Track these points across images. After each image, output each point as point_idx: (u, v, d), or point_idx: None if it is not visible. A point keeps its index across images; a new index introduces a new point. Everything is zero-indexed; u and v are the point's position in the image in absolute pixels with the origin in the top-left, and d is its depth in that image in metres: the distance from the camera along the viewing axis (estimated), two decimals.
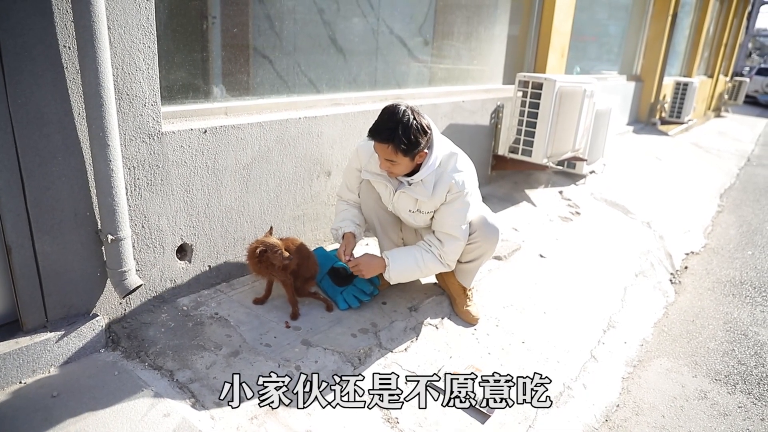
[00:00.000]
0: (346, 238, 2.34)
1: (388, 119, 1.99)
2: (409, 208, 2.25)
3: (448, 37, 4.06)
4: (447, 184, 2.14)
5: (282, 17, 2.79)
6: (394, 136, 1.96)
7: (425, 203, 2.20)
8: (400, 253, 2.30)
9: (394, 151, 2.00)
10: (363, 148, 2.30)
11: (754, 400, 2.41)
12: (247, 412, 1.74)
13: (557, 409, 2.09)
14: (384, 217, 2.44)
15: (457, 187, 2.14)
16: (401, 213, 2.32)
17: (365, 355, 2.11)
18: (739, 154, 8.53)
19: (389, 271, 2.26)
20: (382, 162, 2.09)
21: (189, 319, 2.17)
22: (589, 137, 4.32)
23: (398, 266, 2.26)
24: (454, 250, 2.26)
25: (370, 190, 2.38)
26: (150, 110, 1.99)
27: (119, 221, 1.88)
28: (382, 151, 2.04)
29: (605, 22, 7.41)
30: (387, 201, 2.33)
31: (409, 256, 2.27)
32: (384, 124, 2.00)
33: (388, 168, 2.11)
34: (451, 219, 2.20)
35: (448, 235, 2.23)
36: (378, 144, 2.03)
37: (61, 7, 1.68)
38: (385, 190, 2.30)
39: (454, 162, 2.17)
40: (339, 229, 2.38)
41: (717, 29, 12.35)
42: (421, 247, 2.28)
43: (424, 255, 2.26)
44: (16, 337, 1.81)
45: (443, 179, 2.15)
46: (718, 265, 3.99)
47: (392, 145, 1.98)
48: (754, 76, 18.89)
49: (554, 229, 3.80)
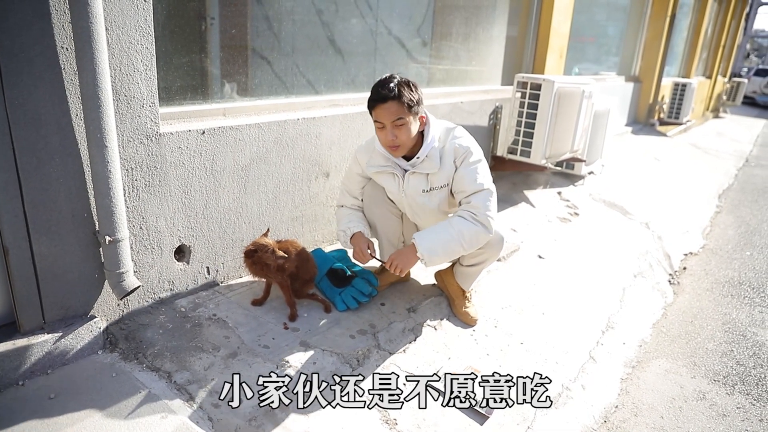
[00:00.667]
0: (357, 237, 2.31)
1: (385, 81, 2.05)
2: (422, 188, 2.23)
3: (447, 38, 4.06)
4: (452, 152, 2.17)
5: (280, 18, 2.79)
6: (394, 90, 2.01)
7: (436, 176, 2.19)
8: (428, 231, 2.16)
9: (400, 107, 2.01)
10: (360, 151, 2.31)
11: (753, 401, 2.41)
12: (245, 413, 1.74)
13: (556, 410, 2.09)
14: (387, 221, 2.42)
15: (462, 149, 2.16)
16: (416, 198, 2.26)
17: (364, 356, 2.11)
18: (737, 155, 8.54)
19: (420, 251, 2.12)
20: (388, 132, 2.06)
21: (187, 320, 2.16)
22: (587, 138, 4.32)
23: (428, 243, 2.12)
24: (484, 203, 2.12)
25: (375, 189, 2.38)
26: (148, 111, 1.99)
27: (117, 222, 1.87)
28: (387, 113, 2.03)
29: (604, 23, 7.42)
30: (397, 191, 2.27)
31: (438, 230, 2.14)
32: (383, 85, 2.04)
33: (395, 136, 2.06)
34: (469, 177, 2.15)
35: (473, 194, 2.13)
36: (382, 106, 2.03)
37: (59, 8, 1.67)
38: (393, 180, 2.26)
39: (453, 132, 2.21)
40: (348, 230, 2.33)
41: (715, 30, 12.37)
42: (453, 219, 2.14)
43: (452, 222, 2.12)
44: (14, 338, 1.81)
45: (447, 149, 2.18)
46: (716, 265, 3.99)
47: (397, 100, 2.01)
48: (752, 77, 18.92)
49: (553, 230, 3.80)
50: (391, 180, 2.27)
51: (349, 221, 2.37)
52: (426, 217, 2.37)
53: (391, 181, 2.28)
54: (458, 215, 2.14)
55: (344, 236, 2.35)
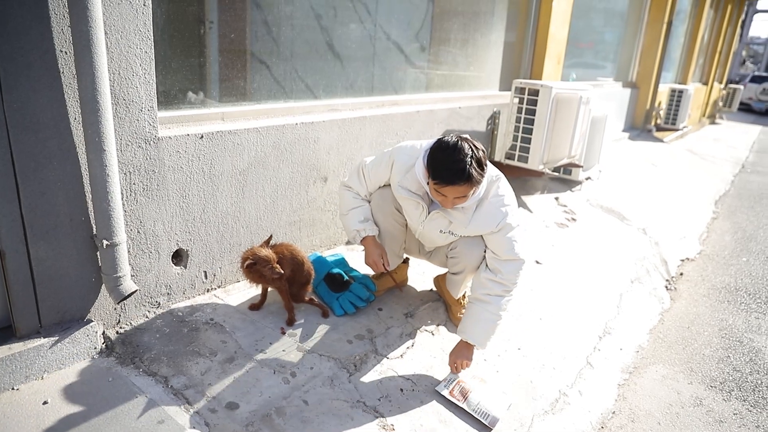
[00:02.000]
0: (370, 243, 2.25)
1: (457, 159, 1.84)
2: (440, 228, 2.16)
3: (445, 43, 4.08)
4: (491, 214, 2.05)
5: (279, 23, 2.79)
6: (471, 174, 1.84)
7: (459, 228, 2.11)
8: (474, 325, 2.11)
9: (469, 188, 1.88)
10: (400, 162, 2.14)
11: (750, 407, 2.41)
12: (243, 419, 1.73)
13: (553, 416, 2.09)
14: (392, 230, 2.35)
15: (502, 215, 2.04)
16: (430, 233, 2.21)
17: (361, 361, 2.10)
18: (733, 161, 8.57)
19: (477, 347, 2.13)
20: (449, 200, 1.94)
21: (184, 324, 2.16)
22: (585, 144, 4.34)
23: (481, 337, 2.11)
24: (515, 274, 2.09)
25: (384, 199, 2.28)
26: (146, 115, 1.98)
27: (114, 226, 1.87)
28: (455, 192, 1.89)
29: (601, 29, 7.45)
30: (416, 220, 2.20)
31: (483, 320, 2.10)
32: (456, 165, 1.84)
33: (450, 204, 1.97)
34: (507, 245, 2.07)
35: (506, 261, 2.08)
36: (451, 187, 1.87)
37: (58, 12, 1.67)
38: (416, 210, 2.17)
39: (496, 188, 2.06)
40: (362, 231, 2.25)
41: (711, 37, 12.44)
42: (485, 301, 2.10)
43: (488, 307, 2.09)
44: (9, 342, 1.80)
45: (486, 208, 2.05)
46: (713, 271, 4.00)
47: (468, 183, 1.86)
48: (748, 84, 19.00)
49: (550, 236, 3.80)
50: (414, 208, 2.17)
51: (364, 218, 2.27)
52: (431, 244, 2.37)
53: (413, 209, 2.18)
54: (495, 295, 2.08)
55: (357, 235, 2.27)
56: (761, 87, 18.69)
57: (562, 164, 4.34)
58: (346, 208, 2.32)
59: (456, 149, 1.85)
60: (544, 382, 2.26)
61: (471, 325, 2.11)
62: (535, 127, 3.90)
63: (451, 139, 1.89)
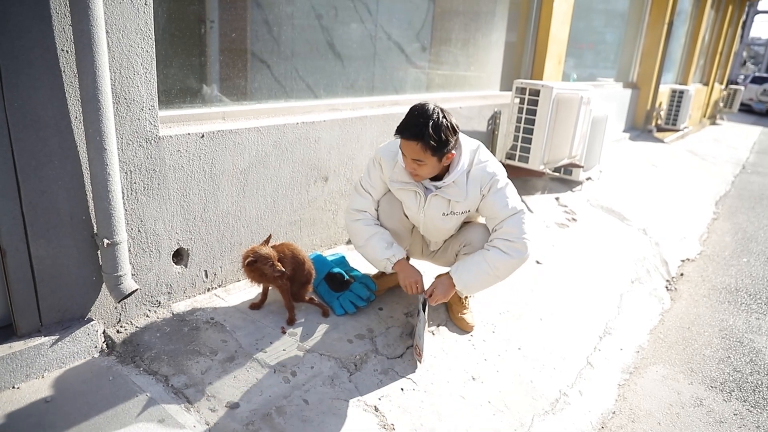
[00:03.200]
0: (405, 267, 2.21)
1: (418, 116, 1.92)
2: (442, 211, 2.17)
3: (446, 43, 4.08)
4: (478, 180, 2.10)
5: (280, 22, 2.79)
6: (424, 133, 1.89)
7: (459, 203, 2.13)
8: (464, 266, 2.16)
9: (423, 150, 1.92)
10: (385, 158, 2.18)
11: (750, 408, 2.41)
12: (243, 417, 1.73)
13: (553, 416, 2.09)
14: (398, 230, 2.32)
15: (488, 176, 2.09)
16: (434, 219, 2.21)
17: (361, 360, 2.10)
18: (734, 162, 8.57)
19: (458, 287, 2.16)
20: (408, 163, 2.01)
21: (184, 324, 2.16)
22: (585, 144, 4.34)
23: (465, 279, 2.14)
24: (519, 227, 2.09)
25: (391, 204, 2.27)
26: (147, 114, 1.99)
27: (115, 225, 1.87)
28: (409, 149, 1.95)
29: (602, 29, 7.45)
30: (416, 209, 2.20)
31: (474, 264, 2.14)
32: (413, 120, 1.92)
33: (413, 169, 2.02)
34: (499, 203, 2.10)
35: (506, 219, 2.10)
36: (405, 142, 1.95)
37: (60, 11, 1.68)
38: (414, 198, 2.18)
39: (478, 155, 2.13)
40: (393, 257, 2.19)
41: (712, 38, 12.44)
42: (484, 250, 2.15)
43: (487, 257, 2.11)
44: (10, 341, 1.80)
45: (473, 175, 2.10)
46: (713, 272, 4.00)
47: (422, 143, 1.90)
48: (749, 85, 19.01)
49: (551, 236, 3.80)
50: (412, 198, 2.19)
51: (387, 244, 2.21)
52: (438, 235, 2.36)
53: (411, 199, 2.19)
54: (494, 246, 2.11)
55: (387, 264, 2.20)
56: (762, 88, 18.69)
57: (562, 164, 4.34)
58: (362, 238, 2.23)
59: (420, 109, 1.95)
60: (545, 382, 2.26)
61: (463, 265, 2.16)
62: (536, 127, 3.89)
63: (426, 104, 1.97)
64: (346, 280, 2.49)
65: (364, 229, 2.23)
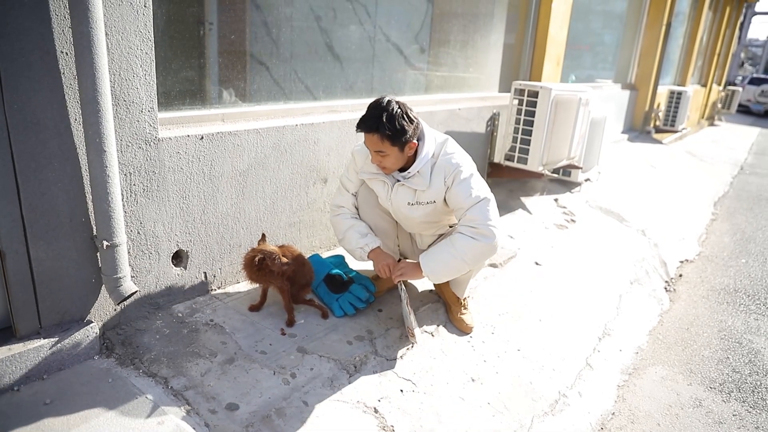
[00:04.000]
0: (379, 254, 2.28)
1: (373, 108, 2.05)
2: (408, 200, 2.24)
3: (445, 45, 4.09)
4: (442, 170, 2.16)
5: (279, 24, 2.80)
6: (379, 123, 2.00)
7: (424, 193, 2.19)
8: (432, 251, 2.21)
9: (381, 140, 2.03)
10: (358, 151, 2.32)
11: (749, 408, 2.42)
12: (242, 419, 1.73)
13: (553, 417, 2.09)
14: (381, 224, 2.42)
15: (452, 167, 2.15)
16: (401, 208, 2.28)
17: (361, 362, 2.10)
18: (732, 163, 8.59)
19: (425, 272, 2.19)
20: (373, 156, 2.12)
21: (184, 325, 2.16)
22: (584, 145, 4.34)
23: (432, 264, 2.17)
24: (483, 213, 2.11)
25: (368, 194, 2.37)
26: (147, 116, 1.99)
27: (115, 227, 1.87)
28: (370, 142, 2.07)
29: (600, 31, 7.47)
30: (385, 198, 2.30)
31: (441, 250, 2.18)
32: (369, 113, 2.05)
33: (379, 162, 2.13)
34: (463, 192, 2.13)
35: (471, 206, 2.12)
36: (366, 135, 2.06)
37: (59, 13, 1.68)
38: (382, 187, 2.28)
39: (444, 148, 2.20)
40: (366, 246, 2.29)
41: (710, 39, 12.48)
42: (452, 236, 2.18)
43: (454, 240, 2.14)
44: (9, 343, 1.80)
45: (438, 165, 2.17)
46: (712, 273, 4.01)
47: (378, 133, 2.01)
48: (747, 86, 19.05)
49: (550, 237, 3.81)
50: (381, 187, 2.30)
51: (362, 234, 2.31)
52: (411, 226, 2.42)
53: (380, 188, 2.30)
54: (459, 232, 2.15)
55: (362, 252, 2.30)
56: (759, 89, 18.74)
57: (561, 166, 4.35)
58: (340, 232, 2.38)
59: (376, 103, 2.06)
60: (544, 383, 2.26)
61: (431, 252, 2.22)
62: (535, 128, 3.90)
63: (382, 98, 2.07)
64: (346, 281, 2.49)
65: (342, 222, 2.37)
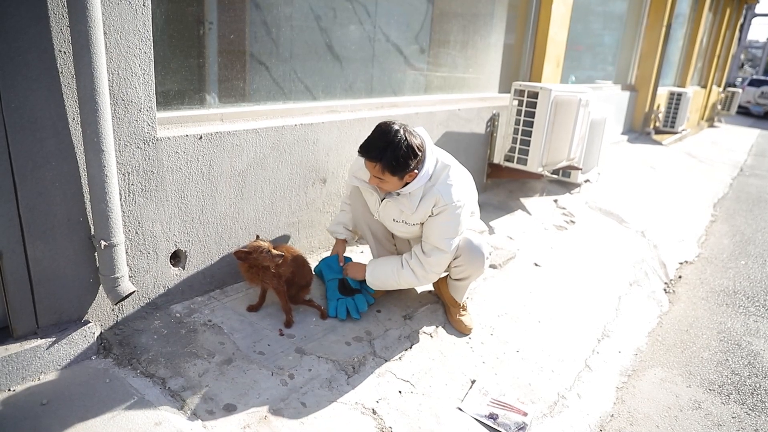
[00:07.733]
0: (337, 245, 2.58)
1: (378, 138, 1.99)
2: (393, 217, 2.24)
3: (445, 45, 4.08)
4: (433, 199, 2.10)
5: (279, 24, 2.79)
6: (382, 155, 1.97)
7: (410, 215, 2.17)
8: (382, 262, 2.37)
9: (382, 171, 2.01)
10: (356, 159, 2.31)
11: (748, 410, 2.41)
12: (239, 420, 1.72)
13: (551, 419, 2.09)
14: (375, 226, 2.44)
15: (444, 200, 2.09)
16: (386, 221, 2.31)
17: (359, 363, 2.10)
18: (732, 164, 8.59)
19: (367, 277, 2.36)
20: (372, 178, 2.11)
21: (182, 326, 2.15)
22: (584, 146, 4.34)
23: (376, 274, 2.34)
24: (438, 262, 2.20)
25: (358, 197, 2.40)
26: (145, 116, 1.98)
27: (113, 227, 1.86)
28: (371, 168, 2.05)
29: (600, 32, 7.47)
30: (373, 209, 2.34)
31: (387, 267, 2.32)
32: (374, 143, 2.00)
33: (377, 184, 2.12)
34: (438, 231, 2.14)
35: (434, 248, 2.17)
36: (367, 161, 2.04)
37: (57, 11, 1.67)
38: (371, 198, 2.31)
39: (446, 175, 2.13)
40: (333, 233, 2.60)
41: (710, 40, 12.48)
42: (402, 259, 2.29)
43: (400, 269, 2.26)
44: (6, 343, 1.79)
45: (431, 192, 2.11)
46: (711, 274, 4.00)
47: (380, 164, 1.99)
48: (747, 87, 19.06)
49: (549, 238, 3.80)
50: (369, 196, 2.32)
51: (337, 224, 2.59)
52: (402, 236, 2.43)
53: (369, 197, 2.33)
54: (409, 263, 2.25)
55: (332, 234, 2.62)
56: (759, 90, 18.75)
57: (561, 167, 4.34)
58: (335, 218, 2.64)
59: (383, 131, 2.00)
60: (543, 384, 2.26)
61: (380, 262, 2.38)
62: (534, 129, 3.89)
63: (390, 124, 2.02)
64: (355, 289, 2.48)
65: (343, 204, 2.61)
